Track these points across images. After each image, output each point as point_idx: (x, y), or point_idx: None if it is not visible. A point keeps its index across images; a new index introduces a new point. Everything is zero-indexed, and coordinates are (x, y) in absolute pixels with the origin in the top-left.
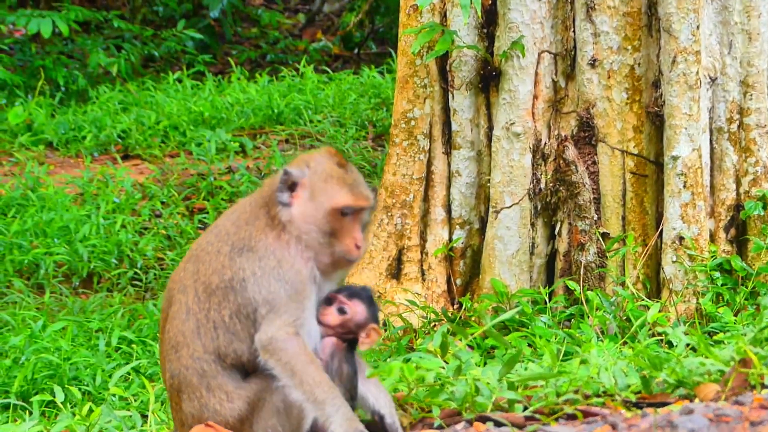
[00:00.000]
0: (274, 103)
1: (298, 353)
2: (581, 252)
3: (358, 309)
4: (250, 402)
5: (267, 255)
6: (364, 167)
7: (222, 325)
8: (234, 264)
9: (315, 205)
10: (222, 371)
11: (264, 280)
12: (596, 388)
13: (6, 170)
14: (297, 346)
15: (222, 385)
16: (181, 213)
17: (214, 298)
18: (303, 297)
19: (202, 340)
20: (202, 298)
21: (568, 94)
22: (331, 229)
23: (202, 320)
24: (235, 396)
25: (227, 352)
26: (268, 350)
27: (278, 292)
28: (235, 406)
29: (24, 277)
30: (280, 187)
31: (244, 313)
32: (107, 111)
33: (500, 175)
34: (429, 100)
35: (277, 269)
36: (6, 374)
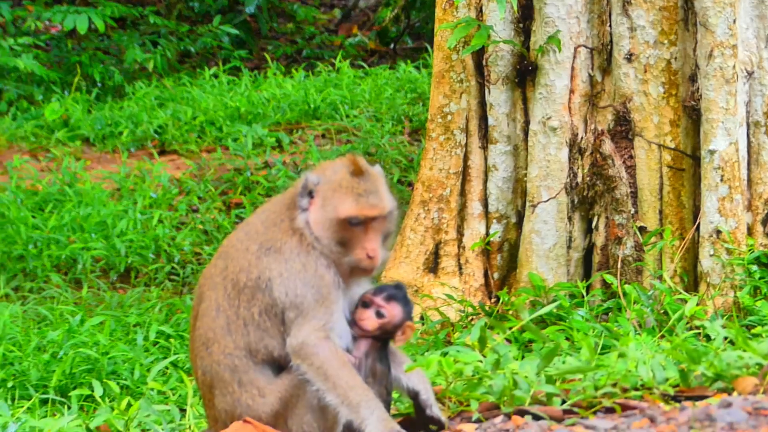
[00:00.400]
0: (310, 98)
1: (330, 357)
2: (618, 246)
3: (396, 311)
4: (283, 398)
5: (292, 258)
6: (401, 162)
7: (252, 321)
8: (261, 263)
9: (325, 214)
10: (254, 366)
11: (290, 282)
12: (634, 381)
13: (43, 166)
14: (328, 350)
15: (254, 380)
16: (218, 208)
17: (243, 295)
18: (330, 302)
19: (233, 337)
20: (231, 295)
21: (604, 89)
22: (341, 238)
23: (231, 317)
24: (268, 391)
25: (258, 348)
26: (300, 355)
27: (305, 296)
28: (268, 401)
29: (62, 272)
30: (301, 192)
31: (273, 311)
32: (143, 106)
33: (537, 170)
34: (465, 94)
35: (303, 273)
36: (44, 369)
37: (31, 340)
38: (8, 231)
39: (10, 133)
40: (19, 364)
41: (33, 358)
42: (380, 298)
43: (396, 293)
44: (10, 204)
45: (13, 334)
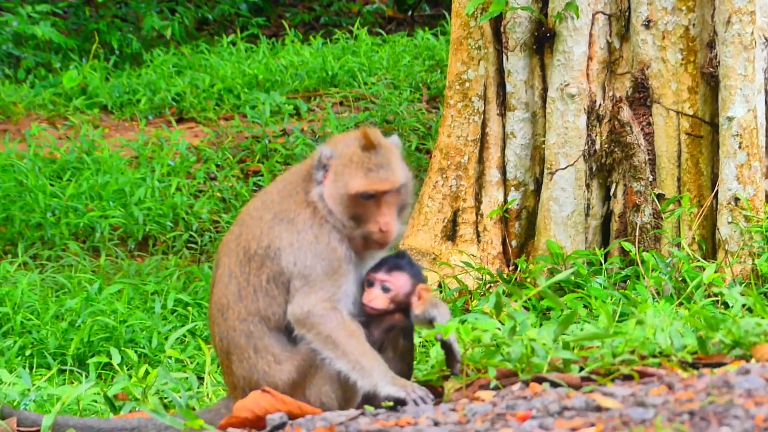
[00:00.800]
0: (328, 65)
1: (338, 327)
2: (636, 213)
3: (401, 280)
4: (299, 367)
5: (305, 230)
6: (419, 129)
7: (260, 288)
8: (272, 232)
9: (337, 189)
10: (268, 333)
11: (300, 253)
12: (652, 348)
13: (61, 134)
14: (335, 319)
15: (269, 346)
16: (236, 176)
17: (253, 263)
18: (339, 275)
19: (244, 303)
20: (242, 261)
21: (622, 55)
22: (354, 213)
23: (242, 284)
24: (283, 358)
25: (267, 314)
26: (305, 324)
27: (314, 267)
28: (284, 368)
29: (80, 240)
30: (316, 165)
31: (280, 279)
32: (161, 74)
33: (555, 137)
34: (483, 61)
35: (314, 245)
36: (63, 337)
37: (50, 309)
38: (26, 199)
39: (28, 101)
40: (37, 332)
41: (51, 326)
42: (382, 273)
43: (397, 262)
44: (29, 172)
45: (32, 302)
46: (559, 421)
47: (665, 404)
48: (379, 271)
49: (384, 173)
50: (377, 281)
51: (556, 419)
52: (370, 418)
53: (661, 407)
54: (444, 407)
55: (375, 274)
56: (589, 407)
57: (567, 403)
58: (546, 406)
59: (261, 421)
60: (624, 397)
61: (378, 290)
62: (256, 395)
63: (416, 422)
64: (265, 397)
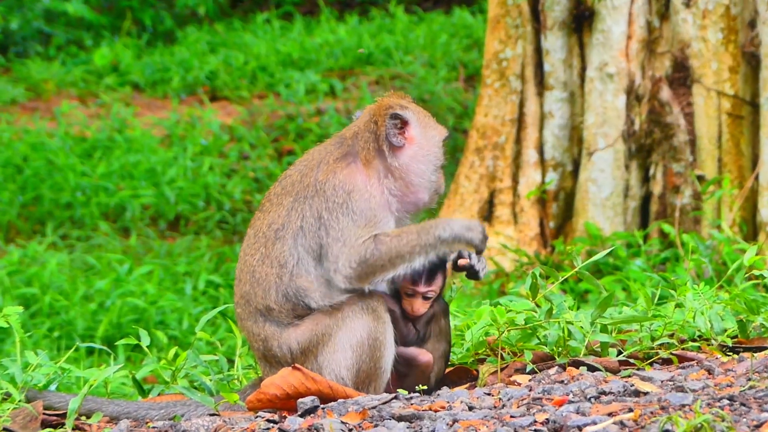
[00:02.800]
0: (363, 43)
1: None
2: (676, 194)
3: (439, 281)
4: (314, 336)
5: (335, 191)
6: (455, 109)
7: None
8: (293, 213)
9: (430, 140)
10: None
11: (332, 221)
12: (692, 332)
13: (92, 112)
14: (382, 244)
15: (279, 329)
16: (270, 155)
17: (270, 244)
18: (375, 222)
19: (262, 287)
20: (266, 248)
21: (662, 35)
22: (441, 162)
23: (269, 270)
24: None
25: (298, 301)
26: (362, 276)
27: (347, 226)
28: (296, 339)
29: (110, 220)
30: (391, 132)
31: (305, 259)
32: (194, 52)
33: (593, 117)
34: (521, 40)
35: (347, 203)
36: (91, 318)
37: (78, 290)
38: (56, 178)
39: (58, 78)
40: (65, 313)
41: (80, 307)
42: (423, 286)
43: (432, 269)
44: (59, 150)
45: (60, 282)
46: (597, 406)
47: (705, 389)
48: (419, 284)
49: None
50: (417, 294)
51: (594, 404)
52: (403, 402)
53: (701, 392)
54: (479, 391)
55: (415, 287)
56: (627, 392)
57: (604, 388)
58: (583, 391)
59: (290, 400)
60: (663, 382)
61: (419, 300)
62: (285, 372)
63: (450, 406)
64: (294, 375)
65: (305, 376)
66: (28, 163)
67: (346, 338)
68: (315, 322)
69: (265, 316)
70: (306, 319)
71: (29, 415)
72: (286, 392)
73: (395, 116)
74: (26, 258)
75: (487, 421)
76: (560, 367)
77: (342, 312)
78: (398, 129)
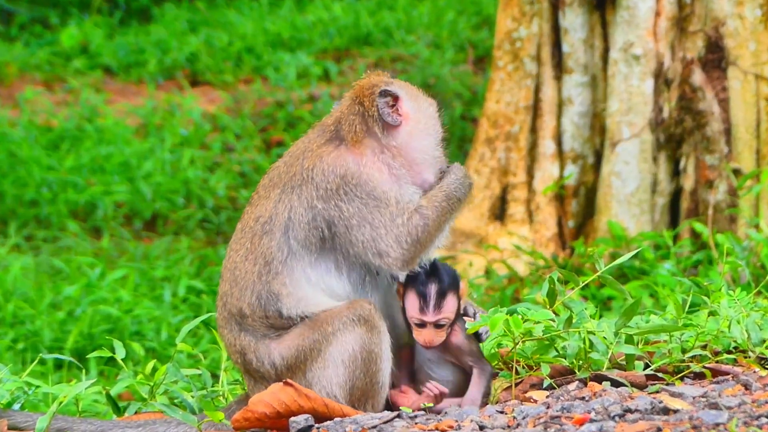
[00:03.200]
0: (361, 22)
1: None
2: (709, 190)
3: (451, 306)
4: (300, 351)
5: (326, 178)
6: (464, 95)
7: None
8: (280, 204)
9: (426, 114)
10: (261, 320)
11: (335, 209)
12: (726, 343)
13: (59, 98)
14: (425, 218)
15: (266, 334)
16: (257, 146)
17: (257, 238)
18: (394, 195)
19: (240, 286)
20: (251, 243)
21: (694, 11)
22: (441, 134)
23: (250, 267)
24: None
25: (278, 304)
26: (415, 256)
27: (362, 210)
28: (279, 354)
29: (79, 218)
30: (384, 111)
31: (299, 253)
32: (173, 31)
33: (618, 103)
34: (537, 18)
35: (343, 188)
36: (60, 328)
37: (45, 296)
38: (19, 172)
39: (21, 61)
40: (31, 323)
41: (47, 316)
42: (431, 314)
43: (440, 290)
44: (22, 141)
45: (25, 289)
46: (621, 425)
47: (741, 406)
48: (426, 312)
49: None
50: (428, 325)
51: (618, 423)
52: (406, 421)
53: (737, 409)
54: (491, 409)
55: (424, 317)
56: (654, 409)
57: (630, 405)
58: (606, 408)
59: (281, 419)
60: (694, 398)
61: (431, 330)
62: (275, 388)
63: (459, 426)
64: (285, 391)
65: (298, 392)
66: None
67: (337, 353)
68: (301, 336)
69: (240, 323)
70: (290, 332)
71: None
72: (277, 410)
73: (385, 93)
74: None
75: None
76: (581, 382)
77: (331, 325)
78: (390, 106)
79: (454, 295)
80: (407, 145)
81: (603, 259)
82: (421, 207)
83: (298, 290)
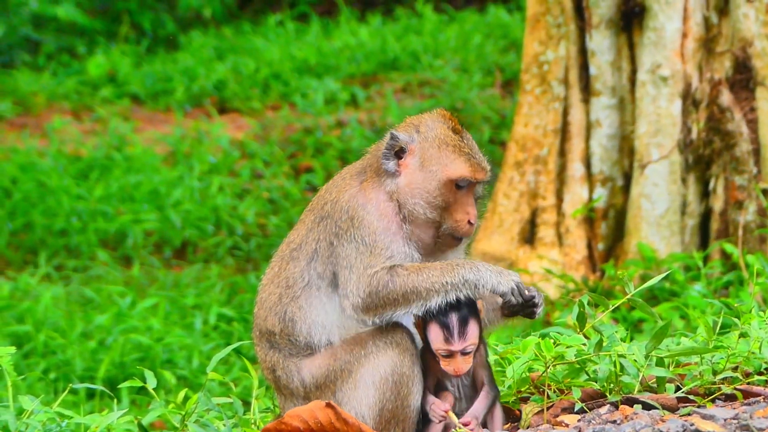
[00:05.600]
0: (388, 47)
1: (405, 282)
2: (739, 211)
3: (473, 331)
4: (330, 371)
5: (341, 216)
6: (492, 118)
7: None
8: (311, 234)
9: (426, 175)
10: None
11: (340, 247)
12: (758, 364)
13: (87, 127)
14: (398, 276)
15: (293, 355)
16: (286, 173)
17: (285, 263)
18: (382, 246)
19: (265, 307)
20: (279, 267)
21: (721, 32)
22: (443, 202)
23: (274, 290)
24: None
25: (294, 328)
26: (371, 308)
27: (352, 253)
28: (310, 373)
29: (109, 247)
30: (385, 154)
31: (316, 283)
32: (200, 59)
33: (646, 125)
34: (564, 41)
35: (351, 228)
36: (91, 357)
37: (76, 326)
38: (49, 202)
39: (49, 90)
40: (62, 352)
41: (78, 345)
42: (456, 343)
43: (462, 319)
44: (51, 171)
45: (56, 319)
46: None
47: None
48: (452, 342)
49: (482, 161)
50: (455, 355)
51: None
52: None
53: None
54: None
55: (450, 347)
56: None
57: (662, 428)
58: (638, 431)
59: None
60: (726, 420)
61: (459, 359)
62: (314, 406)
63: None
64: (324, 411)
65: (337, 415)
66: (18, 185)
67: (368, 374)
68: (332, 357)
69: (270, 341)
70: (322, 352)
71: None
72: (311, 428)
73: (393, 137)
74: (17, 291)
75: None
76: (612, 405)
77: (363, 347)
78: (395, 153)
79: (475, 320)
80: (403, 195)
81: (633, 282)
82: (399, 267)
83: (315, 317)
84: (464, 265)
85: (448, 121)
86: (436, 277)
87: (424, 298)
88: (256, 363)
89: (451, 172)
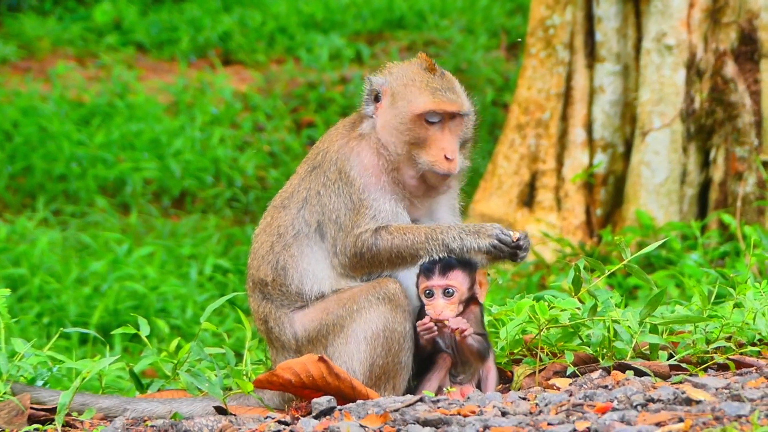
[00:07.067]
0: (395, 5)
1: (391, 245)
2: (739, 182)
3: (459, 277)
4: (323, 325)
5: (330, 167)
6: (495, 80)
7: (280, 244)
8: (303, 183)
9: (395, 111)
10: (284, 293)
11: (327, 197)
12: (751, 335)
13: (91, 74)
14: (382, 240)
15: (287, 305)
16: (287, 127)
17: (276, 212)
18: (367, 205)
19: (258, 256)
20: (271, 216)
21: (728, 3)
22: (414, 138)
23: (266, 239)
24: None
25: (286, 276)
26: (357, 268)
27: (340, 208)
28: (302, 326)
29: (108, 194)
30: (366, 100)
31: (304, 231)
32: (206, 10)
33: (649, 93)
34: (571, 6)
35: (339, 181)
36: (85, 303)
37: (71, 271)
38: (49, 147)
39: (54, 35)
40: (56, 297)
41: (72, 291)
42: (437, 278)
43: (447, 261)
44: (53, 116)
45: (52, 263)
46: (643, 415)
47: (764, 398)
48: (432, 277)
49: (451, 95)
50: (436, 288)
51: (640, 412)
52: (429, 405)
53: (759, 402)
54: (513, 395)
55: (430, 282)
56: (677, 399)
57: (653, 395)
58: (629, 398)
59: (304, 389)
60: (717, 390)
61: (441, 299)
62: (307, 359)
63: (482, 411)
64: (317, 365)
65: (329, 369)
66: (19, 129)
67: (360, 330)
68: (325, 311)
69: (263, 292)
70: (314, 305)
71: (15, 409)
72: (302, 381)
73: (368, 82)
74: (14, 235)
75: (522, 428)
76: (604, 370)
77: (356, 302)
78: (374, 97)
79: (464, 270)
80: (380, 138)
81: (630, 248)
82: (383, 230)
83: (306, 266)
84: (447, 231)
85: (423, 62)
86: (421, 243)
87: (409, 262)
88: (250, 315)
89: (415, 107)
